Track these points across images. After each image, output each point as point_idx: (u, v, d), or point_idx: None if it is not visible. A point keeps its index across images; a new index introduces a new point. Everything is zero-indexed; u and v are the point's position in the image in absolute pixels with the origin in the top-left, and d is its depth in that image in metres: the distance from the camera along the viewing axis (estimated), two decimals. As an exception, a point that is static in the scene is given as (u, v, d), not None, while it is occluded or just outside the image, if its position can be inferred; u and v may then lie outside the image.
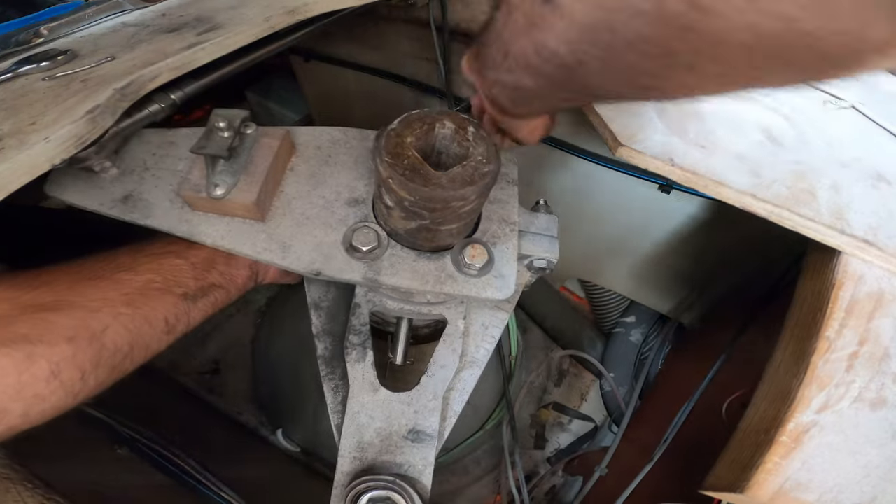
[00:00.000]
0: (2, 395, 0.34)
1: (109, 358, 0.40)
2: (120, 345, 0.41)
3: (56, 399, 0.37)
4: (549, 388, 1.41)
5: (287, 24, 0.57)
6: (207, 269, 0.48)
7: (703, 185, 0.52)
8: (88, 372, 0.39)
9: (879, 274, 0.49)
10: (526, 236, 0.53)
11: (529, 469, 1.28)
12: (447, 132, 0.41)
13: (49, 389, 0.36)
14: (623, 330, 1.34)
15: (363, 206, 0.49)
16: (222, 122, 0.43)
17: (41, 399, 0.36)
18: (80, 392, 0.39)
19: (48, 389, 0.36)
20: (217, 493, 0.71)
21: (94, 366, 0.39)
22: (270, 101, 1.51)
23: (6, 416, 0.35)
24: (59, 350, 0.37)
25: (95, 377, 0.39)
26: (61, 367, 0.37)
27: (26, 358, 0.35)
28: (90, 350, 0.39)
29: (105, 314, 0.40)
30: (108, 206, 0.46)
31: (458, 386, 0.52)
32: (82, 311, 0.39)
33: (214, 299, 0.48)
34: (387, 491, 0.41)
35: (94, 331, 0.39)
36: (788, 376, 0.48)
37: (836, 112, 0.67)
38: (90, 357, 0.39)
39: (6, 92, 0.48)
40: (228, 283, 0.50)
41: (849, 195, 0.53)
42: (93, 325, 0.39)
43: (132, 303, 0.42)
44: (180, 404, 1.16)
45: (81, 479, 0.57)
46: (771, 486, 0.45)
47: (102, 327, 0.40)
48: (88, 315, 0.39)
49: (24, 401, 0.35)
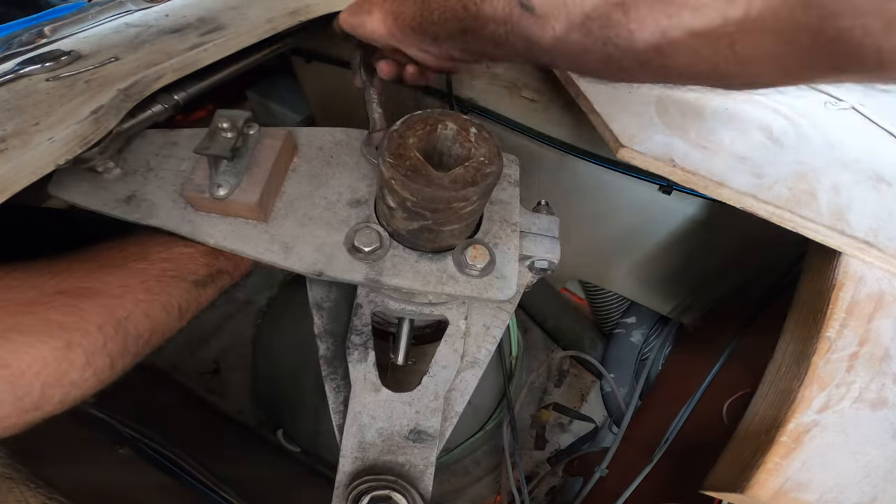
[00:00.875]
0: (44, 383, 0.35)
1: (133, 345, 0.41)
2: (141, 331, 0.41)
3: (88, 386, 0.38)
4: (550, 388, 1.41)
5: (289, 26, 0.57)
6: (216, 256, 0.48)
7: (703, 186, 0.52)
8: (117, 359, 0.39)
9: (880, 275, 0.49)
10: (527, 237, 0.54)
11: (530, 469, 1.28)
12: (449, 133, 0.42)
13: (84, 377, 0.37)
14: (623, 331, 1.35)
15: (365, 206, 0.49)
16: (225, 122, 0.43)
17: (76, 386, 0.37)
18: (108, 379, 0.39)
19: (83, 377, 0.37)
20: (218, 494, 0.71)
21: (121, 353, 0.39)
22: (272, 102, 1.51)
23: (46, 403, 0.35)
24: (92, 338, 0.37)
25: (122, 364, 0.40)
26: (95, 356, 0.37)
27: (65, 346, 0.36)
28: (117, 338, 0.39)
29: (127, 301, 0.40)
30: (111, 207, 0.46)
31: (460, 386, 0.52)
32: (107, 298, 0.39)
33: (221, 284, 0.49)
34: (388, 491, 0.41)
35: (119, 318, 0.39)
36: (789, 376, 0.48)
37: (837, 113, 0.67)
38: (118, 344, 0.39)
39: (10, 92, 0.48)
40: (234, 268, 0.50)
41: (849, 196, 0.53)
42: (118, 313, 0.39)
43: (150, 290, 0.42)
44: (181, 404, 1.16)
45: (83, 479, 0.57)
46: (771, 486, 0.45)
47: (126, 314, 0.40)
48: (113, 302, 0.40)
49: (63, 388, 0.36)
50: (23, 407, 0.34)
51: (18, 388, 0.34)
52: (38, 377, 0.34)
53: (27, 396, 0.34)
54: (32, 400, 0.34)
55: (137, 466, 0.70)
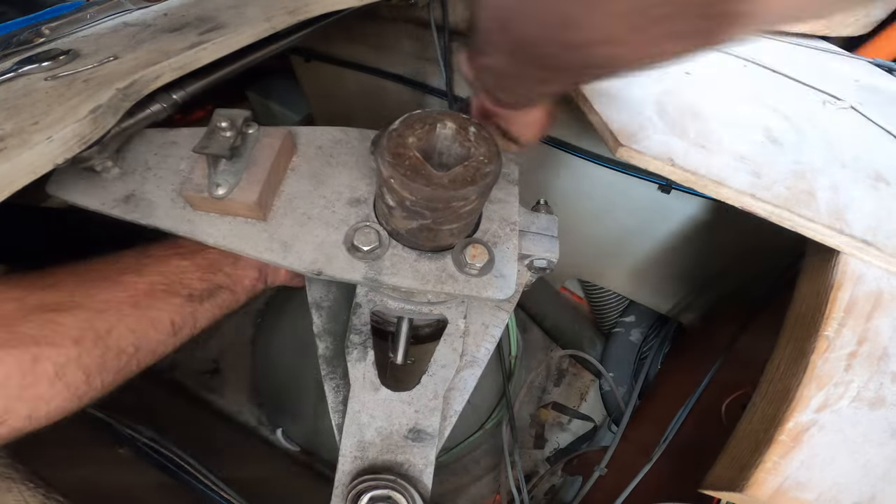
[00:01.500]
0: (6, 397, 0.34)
1: (114, 359, 0.40)
2: (125, 346, 0.41)
3: (60, 400, 0.37)
4: (549, 387, 1.41)
5: (288, 25, 0.57)
6: (213, 271, 0.48)
7: (702, 186, 0.52)
8: (94, 374, 0.39)
9: (878, 274, 0.49)
10: (526, 236, 0.54)
11: (529, 469, 1.28)
12: (448, 132, 0.42)
13: (53, 391, 0.36)
14: (622, 330, 1.35)
15: (364, 205, 0.49)
16: (224, 121, 0.43)
17: (45, 400, 0.36)
18: (86, 394, 0.39)
19: (52, 391, 0.36)
20: (217, 493, 0.71)
21: (99, 367, 0.39)
22: (271, 102, 1.51)
23: (10, 417, 0.35)
24: (64, 351, 0.37)
25: (101, 379, 0.39)
26: (66, 369, 0.37)
27: (31, 359, 0.35)
28: (95, 351, 0.39)
29: (110, 315, 0.40)
30: (109, 206, 0.46)
31: (459, 385, 0.52)
32: (88, 312, 0.39)
33: (221, 301, 0.48)
34: (388, 490, 0.41)
35: (100, 332, 0.39)
36: (788, 376, 0.48)
37: (836, 112, 0.67)
38: (95, 358, 0.39)
39: (8, 92, 0.48)
40: (234, 284, 0.49)
41: (848, 196, 0.53)
42: (98, 326, 0.39)
43: (137, 304, 0.42)
44: (180, 404, 1.16)
45: (82, 479, 0.57)
46: (770, 485, 0.45)
47: (107, 328, 0.40)
48: (94, 316, 0.39)
49: (28, 402, 0.35)
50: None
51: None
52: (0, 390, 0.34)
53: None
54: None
55: (136, 466, 0.70)
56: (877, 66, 0.84)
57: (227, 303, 0.49)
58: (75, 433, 0.64)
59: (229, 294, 0.49)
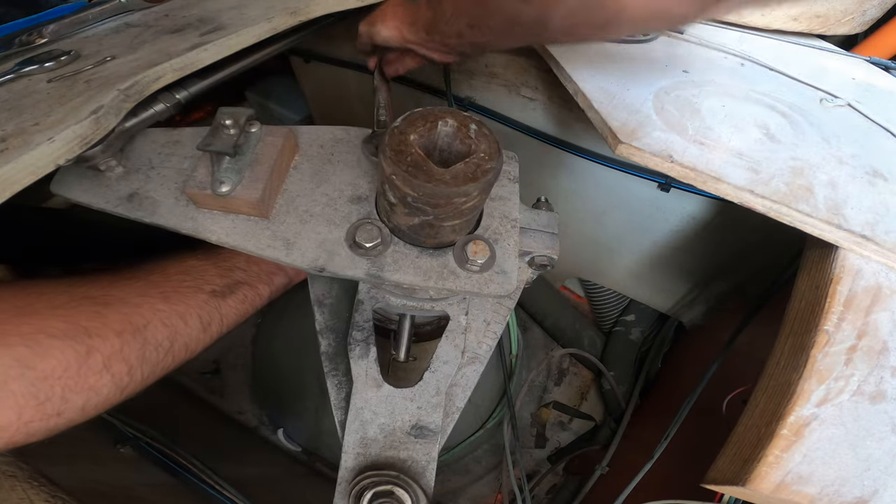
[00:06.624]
0: (64, 387, 0.35)
1: (152, 353, 0.41)
2: (160, 340, 0.42)
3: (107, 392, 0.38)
4: (550, 386, 1.42)
5: (289, 26, 0.57)
6: (230, 268, 0.50)
7: (701, 182, 0.52)
8: (135, 366, 0.40)
9: (877, 268, 0.49)
10: (527, 233, 0.54)
11: (530, 468, 1.28)
12: (449, 129, 0.42)
13: (101, 382, 0.37)
14: (623, 328, 1.35)
15: (366, 203, 0.49)
16: (228, 119, 0.44)
17: (95, 391, 0.37)
18: (128, 386, 0.40)
19: (101, 382, 0.37)
20: (219, 492, 0.71)
21: (139, 360, 0.40)
22: (271, 102, 1.52)
23: (68, 409, 0.36)
24: (109, 343, 0.38)
25: (141, 372, 0.41)
26: (112, 360, 0.38)
27: (86, 350, 0.36)
28: (135, 344, 0.40)
29: (146, 310, 0.41)
30: (113, 204, 0.46)
31: (461, 382, 0.52)
32: (126, 306, 0.40)
33: (243, 297, 0.50)
34: (391, 486, 0.41)
35: (137, 325, 0.40)
36: (788, 370, 0.48)
37: (833, 110, 0.68)
38: (135, 350, 0.40)
39: (10, 92, 0.48)
40: (254, 279, 0.51)
41: (845, 191, 0.54)
42: (136, 320, 0.40)
43: (168, 299, 0.43)
44: (181, 404, 1.16)
45: (85, 478, 0.57)
46: (772, 479, 0.45)
47: (144, 322, 0.41)
48: (132, 310, 0.41)
49: (83, 393, 0.36)
50: (45, 412, 0.34)
51: (41, 392, 0.34)
52: (59, 381, 0.35)
53: (48, 401, 0.34)
54: (54, 405, 0.35)
55: (139, 465, 0.70)
56: (873, 64, 0.84)
57: (250, 299, 0.51)
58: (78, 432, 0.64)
59: (250, 290, 0.51)
